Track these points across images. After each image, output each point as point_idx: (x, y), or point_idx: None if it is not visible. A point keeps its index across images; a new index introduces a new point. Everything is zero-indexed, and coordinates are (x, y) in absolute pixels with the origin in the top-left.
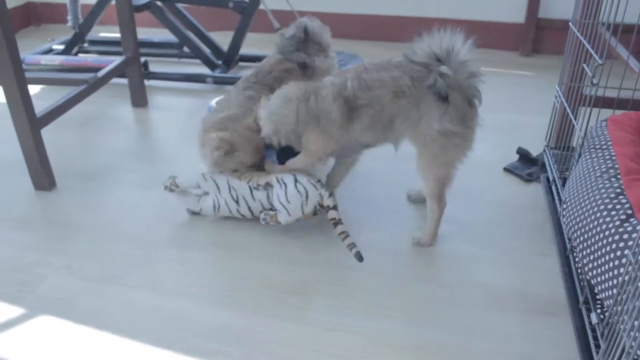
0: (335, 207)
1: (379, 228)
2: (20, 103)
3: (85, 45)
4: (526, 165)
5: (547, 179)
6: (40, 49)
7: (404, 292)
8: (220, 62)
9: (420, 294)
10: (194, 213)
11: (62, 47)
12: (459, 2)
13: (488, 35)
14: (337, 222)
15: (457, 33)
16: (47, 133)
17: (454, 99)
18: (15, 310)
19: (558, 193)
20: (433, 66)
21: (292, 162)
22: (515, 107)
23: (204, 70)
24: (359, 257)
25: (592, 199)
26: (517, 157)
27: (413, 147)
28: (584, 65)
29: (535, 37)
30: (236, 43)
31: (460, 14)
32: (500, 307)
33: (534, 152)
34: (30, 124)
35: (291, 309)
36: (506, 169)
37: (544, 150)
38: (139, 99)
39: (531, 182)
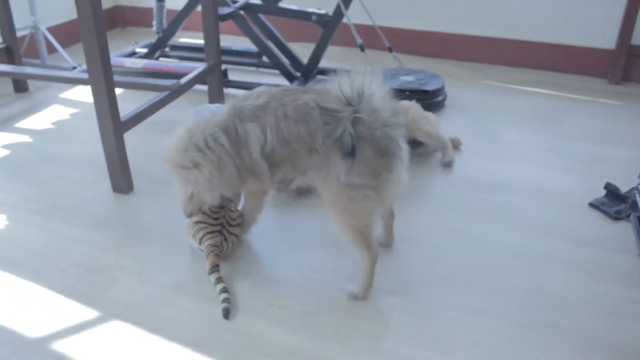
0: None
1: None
2: (107, 107)
3: (167, 50)
4: (614, 202)
5: (638, 219)
6: (124, 51)
7: (473, 329)
8: (298, 74)
9: (501, 332)
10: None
11: (145, 50)
12: (547, 25)
13: (575, 60)
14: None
15: (373, 74)
16: (128, 136)
17: (362, 153)
18: (87, 312)
19: None
20: (343, 112)
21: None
22: (602, 139)
23: (283, 81)
24: (225, 314)
25: None
26: (604, 192)
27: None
28: None
29: (626, 64)
30: (316, 56)
31: (547, 37)
32: (585, 356)
33: (623, 188)
34: (115, 128)
35: (367, 337)
36: (592, 205)
37: (636, 187)
38: None
39: (619, 220)
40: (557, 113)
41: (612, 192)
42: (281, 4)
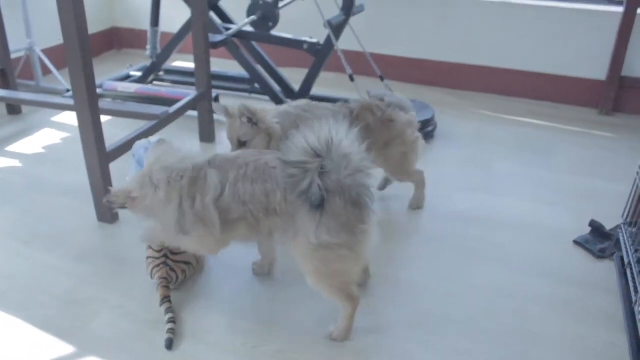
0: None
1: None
2: (93, 137)
3: (161, 74)
4: (599, 240)
5: (622, 259)
6: (118, 74)
7: None
8: (289, 101)
9: None
10: None
11: (139, 73)
12: (539, 55)
13: (567, 91)
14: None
15: (339, 122)
16: (114, 164)
17: (332, 205)
18: (66, 348)
19: (633, 278)
20: (310, 164)
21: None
22: (592, 171)
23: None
24: (168, 344)
25: None
26: (589, 229)
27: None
28: None
29: (616, 95)
30: (308, 84)
31: (540, 67)
32: None
33: (609, 224)
34: (100, 158)
35: None
36: (576, 242)
37: (620, 227)
38: (207, 134)
39: (603, 259)
40: (548, 144)
41: (597, 229)
42: (273, 32)
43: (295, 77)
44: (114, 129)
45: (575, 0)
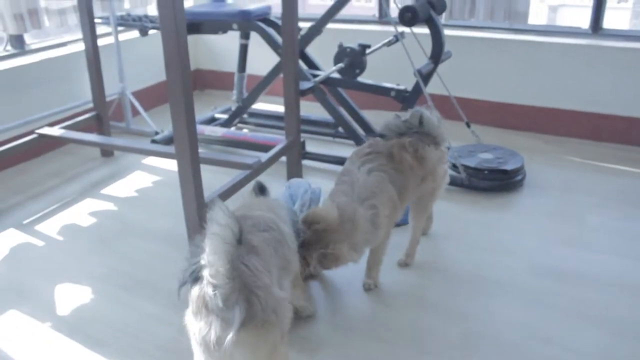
0: None
1: None
2: (192, 187)
3: (245, 116)
4: None
5: None
6: (204, 116)
7: None
8: None
9: None
10: None
11: (224, 116)
12: (631, 99)
13: None
14: None
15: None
16: None
17: None
18: None
19: None
20: None
21: None
22: None
23: None
24: None
25: None
26: None
27: None
28: None
29: None
30: None
31: (630, 111)
32: None
33: None
34: (198, 208)
35: None
36: None
37: None
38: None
39: None
40: None
41: None
42: (360, 79)
43: (378, 120)
44: (204, 173)
45: None
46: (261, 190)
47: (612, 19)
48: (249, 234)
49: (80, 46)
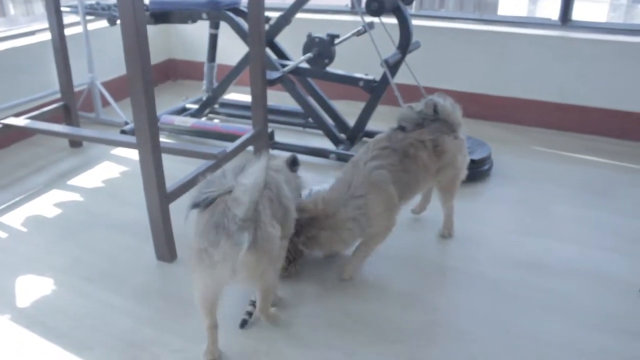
0: None
1: None
2: (154, 177)
3: (216, 107)
4: None
5: None
6: (175, 107)
7: None
8: (343, 135)
9: None
10: None
11: (194, 106)
12: (601, 90)
13: (629, 126)
14: None
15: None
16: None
17: None
18: None
19: None
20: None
21: None
22: None
23: (328, 144)
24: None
25: None
26: None
27: None
28: None
29: None
30: (362, 120)
31: (601, 103)
32: None
33: None
34: (160, 199)
35: None
36: None
37: None
38: None
39: None
40: (610, 184)
41: None
42: (329, 69)
43: (348, 110)
44: (170, 163)
45: (636, 34)
46: (293, 163)
47: (590, 12)
48: None
49: (49, 35)
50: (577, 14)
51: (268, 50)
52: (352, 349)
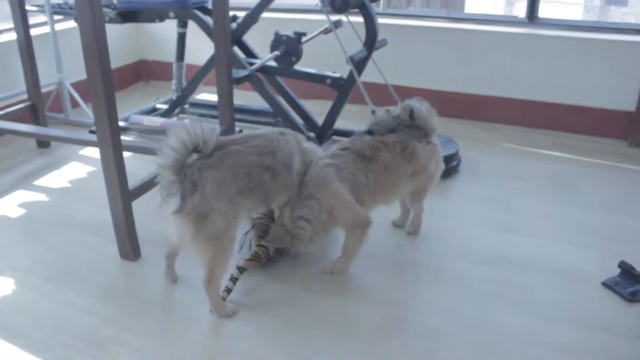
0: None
1: None
2: (115, 176)
3: (186, 106)
4: (629, 282)
5: None
6: (145, 107)
7: None
8: (312, 134)
9: None
10: None
11: (165, 106)
12: (566, 87)
13: (595, 122)
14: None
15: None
16: (136, 200)
17: None
18: None
19: None
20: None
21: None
22: (621, 209)
23: None
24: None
25: None
26: (618, 270)
27: None
28: None
29: None
30: (331, 118)
31: (567, 99)
32: None
33: None
34: (122, 197)
35: None
36: (605, 284)
37: None
38: None
39: (634, 303)
40: (575, 180)
41: (626, 271)
42: (296, 67)
43: (318, 109)
44: (135, 161)
45: (603, 31)
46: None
47: (564, 13)
48: (231, 155)
49: (15, 35)
50: (550, 15)
51: (237, 49)
52: (316, 346)
